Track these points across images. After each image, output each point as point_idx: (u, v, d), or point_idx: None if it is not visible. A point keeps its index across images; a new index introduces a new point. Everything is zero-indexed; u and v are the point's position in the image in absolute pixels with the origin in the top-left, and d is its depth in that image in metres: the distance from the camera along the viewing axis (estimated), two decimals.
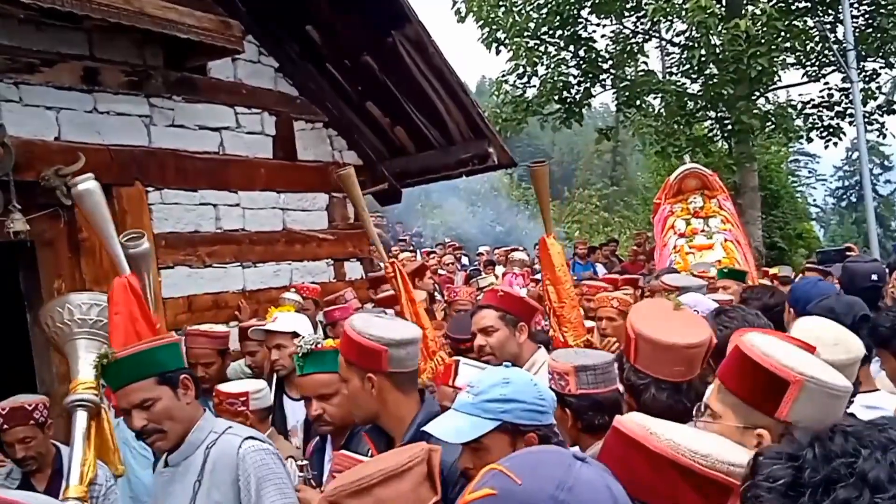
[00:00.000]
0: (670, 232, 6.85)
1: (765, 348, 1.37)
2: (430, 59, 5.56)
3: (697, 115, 12.40)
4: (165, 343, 2.31)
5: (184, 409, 2.19)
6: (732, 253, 6.43)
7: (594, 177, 32.51)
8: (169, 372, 2.20)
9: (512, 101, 12.25)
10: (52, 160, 3.83)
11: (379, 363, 2.02)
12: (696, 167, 7.19)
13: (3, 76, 3.68)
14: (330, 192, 5.90)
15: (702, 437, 1.11)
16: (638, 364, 1.90)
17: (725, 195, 6.93)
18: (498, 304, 3.00)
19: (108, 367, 2.18)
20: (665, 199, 7.08)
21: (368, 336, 2.01)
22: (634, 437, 1.03)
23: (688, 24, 11.42)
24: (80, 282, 4.07)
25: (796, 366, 1.32)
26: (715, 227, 6.64)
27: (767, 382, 1.32)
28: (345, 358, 2.08)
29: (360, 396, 2.05)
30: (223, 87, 5.02)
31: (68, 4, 3.48)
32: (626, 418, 1.10)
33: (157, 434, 2.15)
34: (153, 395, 2.14)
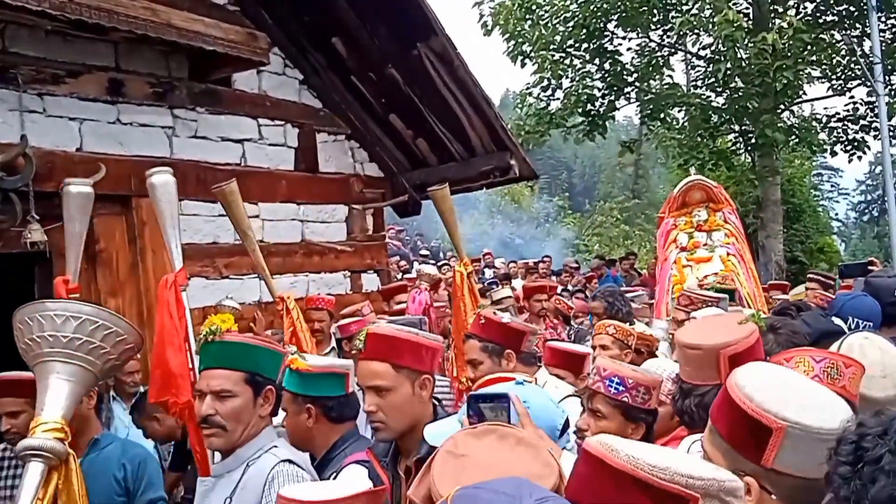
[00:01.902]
0: (672, 245, 6.71)
1: (749, 389, 1.28)
2: (454, 72, 5.51)
3: (721, 128, 12.25)
4: (272, 349, 2.25)
5: (253, 418, 2.11)
6: (735, 267, 6.27)
7: (616, 189, 32.30)
8: (260, 376, 2.13)
9: (535, 114, 12.18)
10: (73, 171, 3.79)
11: (433, 364, 1.97)
12: (701, 179, 6.94)
13: (28, 87, 3.68)
14: (350, 204, 5.87)
15: (665, 452, 1.09)
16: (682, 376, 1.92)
17: (731, 208, 6.73)
18: (480, 333, 2.80)
19: (209, 344, 2.13)
20: (669, 213, 6.96)
21: (425, 335, 1.97)
22: (596, 454, 1.03)
23: (714, 38, 11.30)
24: (95, 293, 4.06)
25: (779, 410, 1.24)
26: (718, 241, 6.42)
27: (751, 428, 1.25)
28: (392, 363, 1.97)
29: (409, 404, 1.96)
30: (247, 98, 5.00)
31: (95, 16, 3.47)
32: (591, 438, 1.10)
33: (218, 429, 2.07)
34: (234, 389, 2.07)
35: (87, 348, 2.15)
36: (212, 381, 2.08)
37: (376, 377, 1.98)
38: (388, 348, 1.99)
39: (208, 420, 2.07)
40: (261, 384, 2.13)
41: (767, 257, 11.99)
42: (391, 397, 1.96)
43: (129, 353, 2.30)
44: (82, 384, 2.14)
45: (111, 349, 2.20)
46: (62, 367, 2.11)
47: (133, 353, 2.33)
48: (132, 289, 4.28)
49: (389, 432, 1.99)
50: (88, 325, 2.15)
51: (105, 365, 2.20)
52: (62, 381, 2.08)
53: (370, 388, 1.98)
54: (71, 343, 2.13)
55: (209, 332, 2.14)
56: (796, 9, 11.58)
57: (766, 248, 12.09)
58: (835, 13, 11.45)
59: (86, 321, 2.16)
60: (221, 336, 2.16)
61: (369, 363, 2.01)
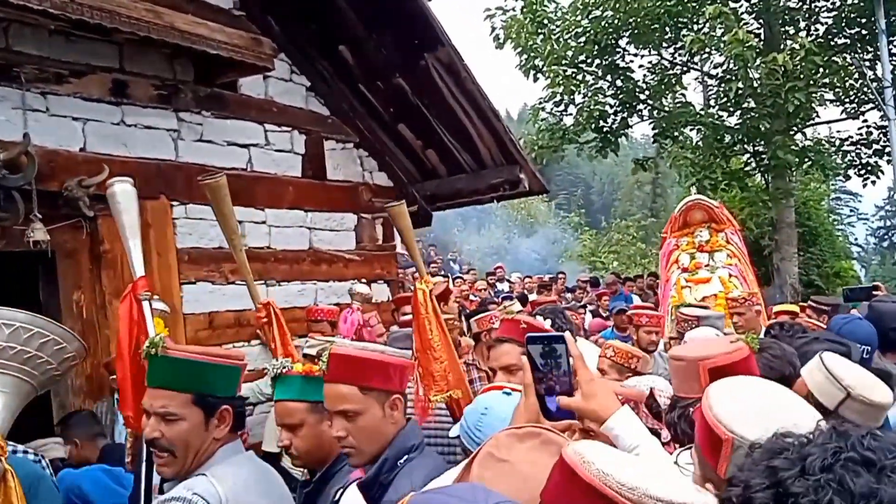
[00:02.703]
0: (674, 266, 6.64)
1: (714, 399, 1.32)
2: (462, 83, 5.51)
3: (734, 148, 12.17)
4: (224, 364, 2.00)
5: (205, 441, 1.90)
6: (737, 289, 6.14)
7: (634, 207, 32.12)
8: (211, 396, 1.92)
9: (548, 129, 12.17)
10: (76, 171, 3.83)
11: (402, 383, 1.89)
12: (701, 199, 6.92)
13: (31, 86, 3.71)
14: (359, 213, 5.85)
15: (640, 468, 1.02)
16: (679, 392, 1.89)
17: (734, 228, 6.69)
18: (520, 337, 2.63)
19: (153, 359, 1.93)
20: (671, 233, 6.86)
21: (392, 352, 1.88)
22: (570, 463, 0.99)
23: (726, 57, 11.27)
24: (99, 294, 4.05)
25: (729, 423, 1.26)
26: (720, 262, 6.40)
27: (711, 438, 1.29)
28: (359, 386, 1.85)
29: (380, 427, 1.85)
30: (253, 103, 5.02)
31: (97, 17, 3.50)
32: (572, 445, 1.05)
33: (166, 454, 1.88)
34: (180, 412, 1.87)
35: (22, 357, 2.00)
36: (155, 402, 1.89)
37: (343, 401, 1.85)
38: (353, 370, 1.87)
39: (155, 443, 1.88)
40: (213, 405, 1.92)
41: (782, 280, 11.81)
42: (361, 421, 1.85)
43: (70, 362, 2.16)
44: (19, 396, 1.99)
45: (49, 358, 2.05)
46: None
47: (75, 362, 2.18)
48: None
49: (361, 457, 1.87)
50: (23, 334, 2.00)
51: (44, 376, 2.06)
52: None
53: (338, 413, 1.86)
54: (4, 352, 1.98)
55: (151, 345, 1.95)
56: (808, 30, 11.52)
57: (780, 270, 11.92)
58: (846, 36, 11.39)
59: (19, 329, 2.00)
60: (164, 350, 1.93)
61: (335, 386, 1.88)
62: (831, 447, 0.85)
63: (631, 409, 1.96)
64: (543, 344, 1.46)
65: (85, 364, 4.02)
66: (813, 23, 11.61)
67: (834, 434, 0.89)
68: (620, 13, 11.01)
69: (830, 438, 0.88)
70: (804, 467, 0.84)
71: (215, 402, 1.93)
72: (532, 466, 1.12)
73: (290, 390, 2.20)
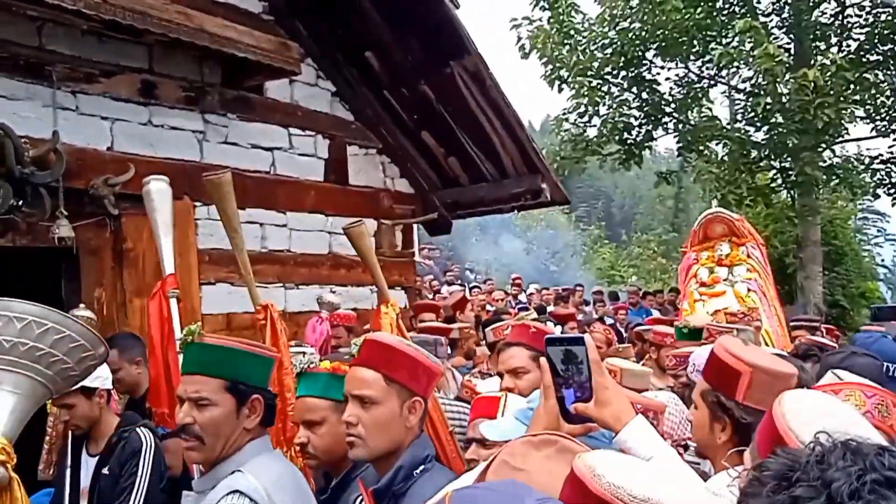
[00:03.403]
0: (692, 280, 6.47)
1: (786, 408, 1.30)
2: (487, 92, 5.50)
3: (761, 164, 12.02)
4: (258, 353, 2.03)
5: (236, 430, 1.91)
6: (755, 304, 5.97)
7: (655, 222, 31.85)
8: (243, 384, 1.93)
9: (571, 140, 12.12)
10: (102, 169, 3.87)
11: (428, 388, 1.82)
12: (721, 212, 6.64)
13: (62, 84, 3.76)
14: (379, 219, 5.86)
15: (653, 476, 1.01)
16: (748, 401, 1.74)
17: (756, 242, 6.44)
18: (530, 342, 2.61)
19: (189, 346, 1.98)
20: (691, 247, 6.75)
21: (425, 353, 1.82)
22: (580, 476, 0.98)
23: (754, 72, 11.15)
24: (121, 292, 4.09)
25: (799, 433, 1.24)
26: (739, 276, 6.13)
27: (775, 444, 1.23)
28: (384, 374, 1.80)
29: (393, 425, 1.79)
30: (279, 107, 5.05)
31: (129, 18, 3.55)
32: (581, 457, 1.03)
33: (195, 440, 1.89)
34: (213, 398, 1.88)
35: (33, 355, 1.85)
36: (189, 387, 1.91)
37: (364, 385, 1.80)
38: (382, 358, 1.82)
39: (185, 429, 1.90)
40: (244, 393, 1.93)
41: (806, 299, 11.62)
42: (376, 411, 1.78)
43: (89, 362, 2.03)
44: (31, 398, 1.86)
45: (65, 357, 1.91)
46: (4, 377, 1.81)
47: (97, 362, 2.08)
48: None
49: (364, 450, 1.80)
50: (36, 329, 1.85)
51: (59, 375, 1.92)
52: (5, 394, 1.81)
53: (355, 398, 1.82)
54: (15, 349, 1.82)
55: (188, 333, 1.99)
56: (839, 46, 11.36)
57: (804, 289, 11.73)
58: (879, 52, 11.22)
59: (32, 323, 1.84)
60: (200, 338, 1.98)
61: (359, 369, 1.85)
62: (854, 471, 0.81)
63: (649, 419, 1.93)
64: (564, 347, 1.42)
65: None
66: (845, 38, 11.45)
67: (847, 452, 0.85)
68: (648, 25, 10.95)
69: (845, 457, 0.84)
70: (830, 495, 0.80)
71: (247, 390, 1.94)
72: (548, 476, 1.09)
73: (314, 387, 2.18)
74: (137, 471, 2.88)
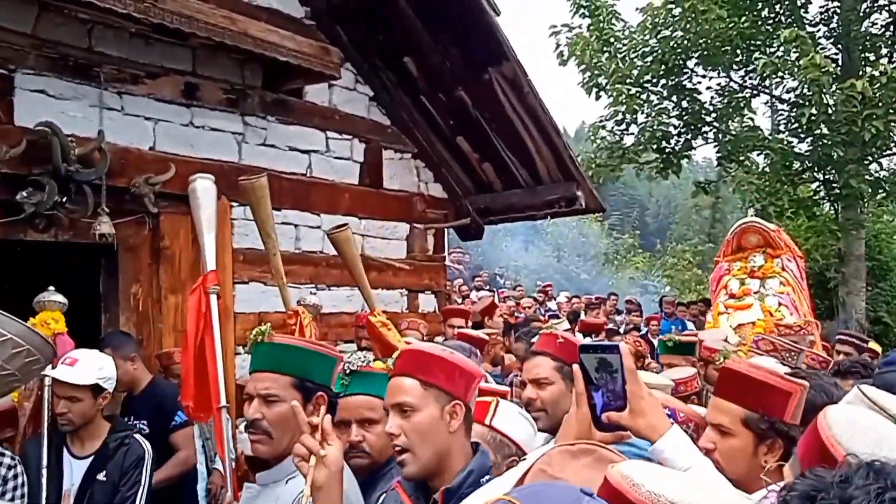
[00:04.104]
0: (723, 291, 6.22)
1: (832, 419, 1.30)
2: (524, 98, 5.49)
3: (803, 175, 11.73)
4: (323, 353, 2.11)
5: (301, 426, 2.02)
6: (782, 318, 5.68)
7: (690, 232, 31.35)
8: (309, 381, 2.01)
9: (608, 148, 11.99)
10: (144, 168, 3.97)
11: (467, 392, 1.78)
12: (756, 221, 6.43)
13: (109, 85, 3.86)
14: (412, 223, 5.88)
15: (689, 483, 1.01)
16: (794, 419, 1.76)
17: (792, 254, 6.21)
18: (556, 352, 2.56)
19: (259, 345, 2.06)
20: (723, 257, 6.53)
21: (461, 356, 1.80)
22: (617, 486, 0.97)
23: (800, 82, 10.90)
24: (156, 288, 4.18)
25: (848, 445, 1.23)
26: (771, 290, 5.91)
27: (821, 456, 1.25)
28: (420, 380, 1.77)
29: (435, 429, 1.74)
30: (317, 111, 5.11)
31: (177, 22, 3.63)
32: (614, 467, 1.03)
33: (263, 435, 1.96)
34: (282, 394, 1.96)
35: None
36: (259, 385, 2.00)
37: (401, 393, 1.78)
38: (418, 364, 1.81)
39: (254, 424, 1.97)
40: (310, 390, 2.00)
41: (848, 314, 11.30)
42: (415, 417, 1.75)
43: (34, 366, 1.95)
44: None
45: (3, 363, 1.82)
46: None
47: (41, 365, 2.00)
48: (192, 287, 4.37)
49: (416, 463, 1.75)
50: None
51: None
52: None
53: (394, 407, 1.80)
54: None
55: (259, 333, 2.08)
56: (889, 57, 11.05)
57: (846, 305, 11.40)
58: None
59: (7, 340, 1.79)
60: (270, 337, 2.07)
61: (396, 379, 1.84)
62: (874, 489, 0.81)
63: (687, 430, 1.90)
64: (598, 355, 1.40)
65: None
66: (895, 50, 11.15)
67: (871, 472, 0.84)
68: (691, 34, 10.79)
69: (868, 477, 0.83)
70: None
71: (313, 387, 2.01)
72: (586, 485, 1.07)
73: (371, 386, 2.20)
74: (141, 479, 2.90)
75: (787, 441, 1.73)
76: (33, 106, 3.66)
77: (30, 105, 3.66)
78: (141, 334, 4.16)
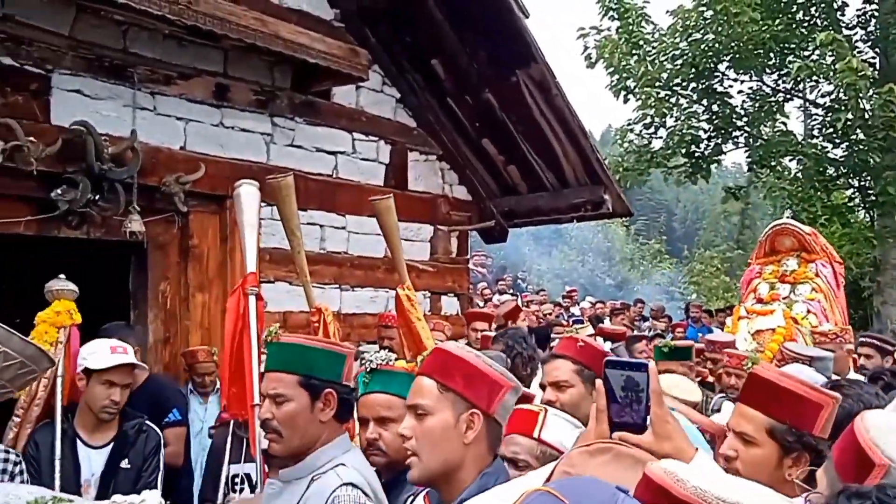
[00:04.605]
0: (751, 295, 5.96)
1: (870, 423, 1.32)
2: (552, 101, 5.47)
3: (838, 182, 11.52)
4: (327, 349, 2.11)
5: (312, 423, 1.98)
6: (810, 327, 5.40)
7: (718, 238, 30.93)
8: (316, 378, 2.00)
9: (636, 151, 11.89)
10: (175, 168, 4.03)
11: (490, 402, 1.68)
12: (790, 223, 6.20)
13: (142, 86, 3.94)
14: (435, 225, 5.89)
15: (735, 484, 1.02)
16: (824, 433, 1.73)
17: (827, 259, 5.93)
18: (576, 355, 2.54)
19: (269, 346, 2.11)
20: (755, 259, 6.33)
21: (488, 362, 1.71)
22: (661, 483, 0.97)
23: (835, 86, 10.70)
24: (184, 286, 4.24)
25: (887, 450, 1.26)
26: (801, 296, 5.66)
27: (858, 459, 1.28)
28: (438, 382, 1.68)
29: (447, 437, 1.64)
30: (344, 112, 5.15)
31: (210, 23, 3.69)
32: (654, 464, 1.03)
33: (274, 434, 2.00)
34: (288, 393, 1.97)
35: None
36: (268, 385, 2.03)
37: (419, 394, 1.70)
38: (439, 365, 1.71)
39: (265, 424, 2.00)
40: (317, 387, 1.99)
41: (882, 325, 11.03)
42: (428, 422, 1.65)
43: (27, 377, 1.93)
44: None
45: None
46: None
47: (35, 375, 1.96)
48: (219, 286, 4.44)
49: (420, 469, 1.66)
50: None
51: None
52: None
53: (410, 408, 1.73)
54: None
55: (269, 333, 2.15)
56: None
57: (881, 315, 11.14)
58: None
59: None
60: (277, 337, 2.11)
61: (418, 379, 1.77)
62: None
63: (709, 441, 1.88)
64: (625, 372, 1.36)
65: (164, 352, 4.23)
66: None
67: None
68: (723, 37, 10.65)
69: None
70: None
71: (319, 384, 2.00)
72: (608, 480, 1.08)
73: (391, 384, 2.20)
74: (160, 465, 2.97)
75: (814, 455, 1.69)
76: (69, 105, 3.75)
77: (66, 104, 3.74)
78: (168, 332, 4.23)
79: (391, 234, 3.40)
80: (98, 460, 2.91)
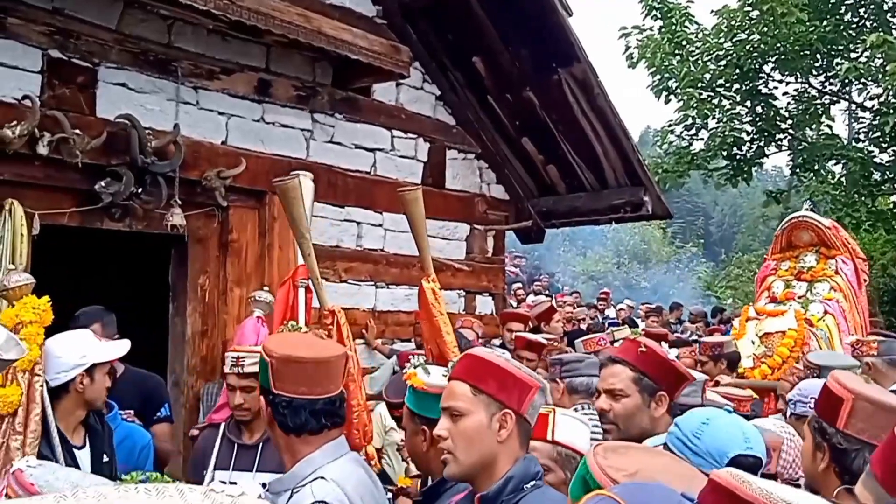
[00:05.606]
0: (765, 293, 5.63)
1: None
2: (594, 100, 5.38)
3: (883, 187, 11.18)
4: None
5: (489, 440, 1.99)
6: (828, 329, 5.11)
7: (756, 242, 30.33)
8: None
9: (676, 153, 11.68)
10: (216, 162, 4.05)
11: (521, 402, 1.76)
12: (809, 217, 5.84)
13: (186, 80, 3.96)
14: (472, 224, 5.84)
15: (804, 494, 1.06)
16: (848, 428, 1.77)
17: (850, 255, 5.54)
18: (635, 361, 2.37)
19: None
20: (771, 254, 6.00)
21: (518, 365, 1.78)
22: (727, 485, 1.00)
23: (884, 89, 10.38)
24: (223, 280, 4.26)
25: None
26: (818, 295, 5.30)
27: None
28: (471, 385, 1.78)
29: (482, 437, 1.73)
30: (384, 109, 5.13)
31: (254, 19, 3.69)
32: (718, 471, 1.06)
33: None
34: None
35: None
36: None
37: (452, 397, 1.79)
38: (471, 368, 1.81)
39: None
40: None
41: None
42: (462, 423, 1.75)
43: None
44: None
45: None
46: None
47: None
48: (257, 280, 4.45)
49: (457, 466, 1.76)
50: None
51: None
52: None
53: (445, 411, 1.80)
54: None
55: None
56: None
57: None
58: None
59: None
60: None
61: (451, 383, 1.84)
62: None
63: None
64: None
65: (201, 345, 4.25)
66: None
67: None
68: (768, 38, 10.39)
69: None
70: None
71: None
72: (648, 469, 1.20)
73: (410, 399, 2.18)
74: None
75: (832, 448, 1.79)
76: (114, 99, 3.79)
77: (111, 98, 3.78)
78: (206, 325, 4.26)
79: (418, 225, 3.36)
80: (85, 460, 2.72)
